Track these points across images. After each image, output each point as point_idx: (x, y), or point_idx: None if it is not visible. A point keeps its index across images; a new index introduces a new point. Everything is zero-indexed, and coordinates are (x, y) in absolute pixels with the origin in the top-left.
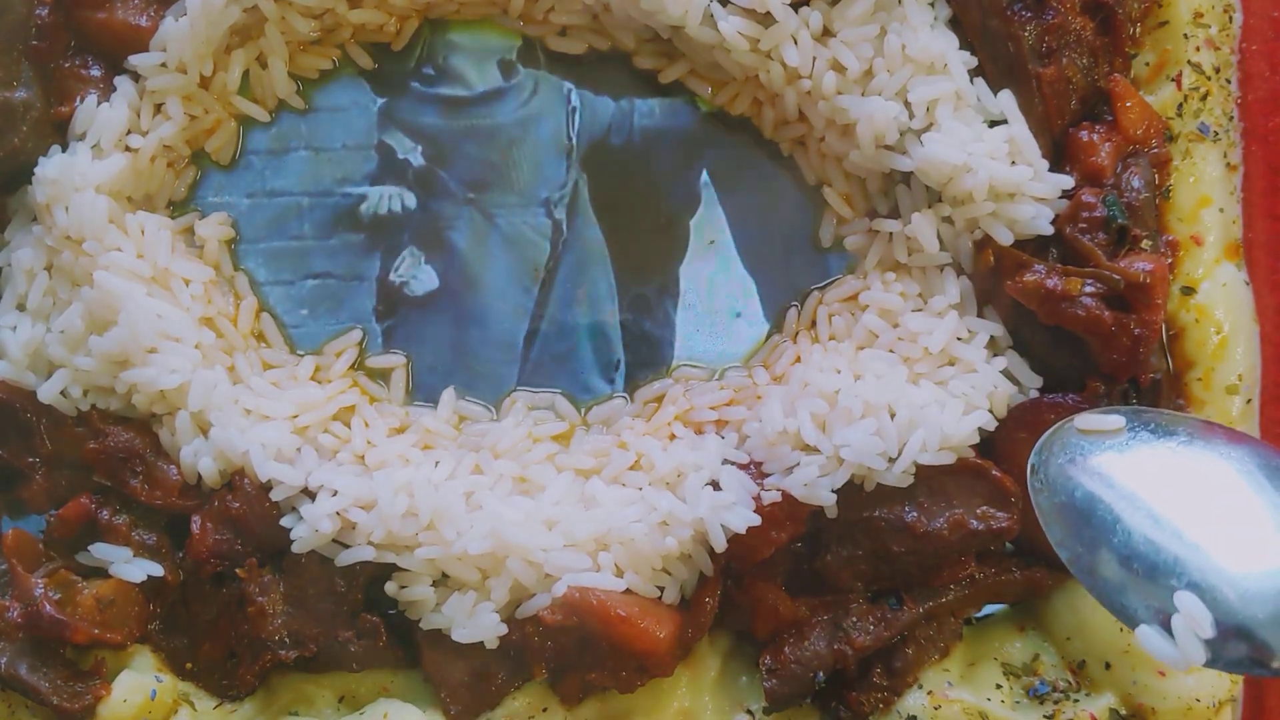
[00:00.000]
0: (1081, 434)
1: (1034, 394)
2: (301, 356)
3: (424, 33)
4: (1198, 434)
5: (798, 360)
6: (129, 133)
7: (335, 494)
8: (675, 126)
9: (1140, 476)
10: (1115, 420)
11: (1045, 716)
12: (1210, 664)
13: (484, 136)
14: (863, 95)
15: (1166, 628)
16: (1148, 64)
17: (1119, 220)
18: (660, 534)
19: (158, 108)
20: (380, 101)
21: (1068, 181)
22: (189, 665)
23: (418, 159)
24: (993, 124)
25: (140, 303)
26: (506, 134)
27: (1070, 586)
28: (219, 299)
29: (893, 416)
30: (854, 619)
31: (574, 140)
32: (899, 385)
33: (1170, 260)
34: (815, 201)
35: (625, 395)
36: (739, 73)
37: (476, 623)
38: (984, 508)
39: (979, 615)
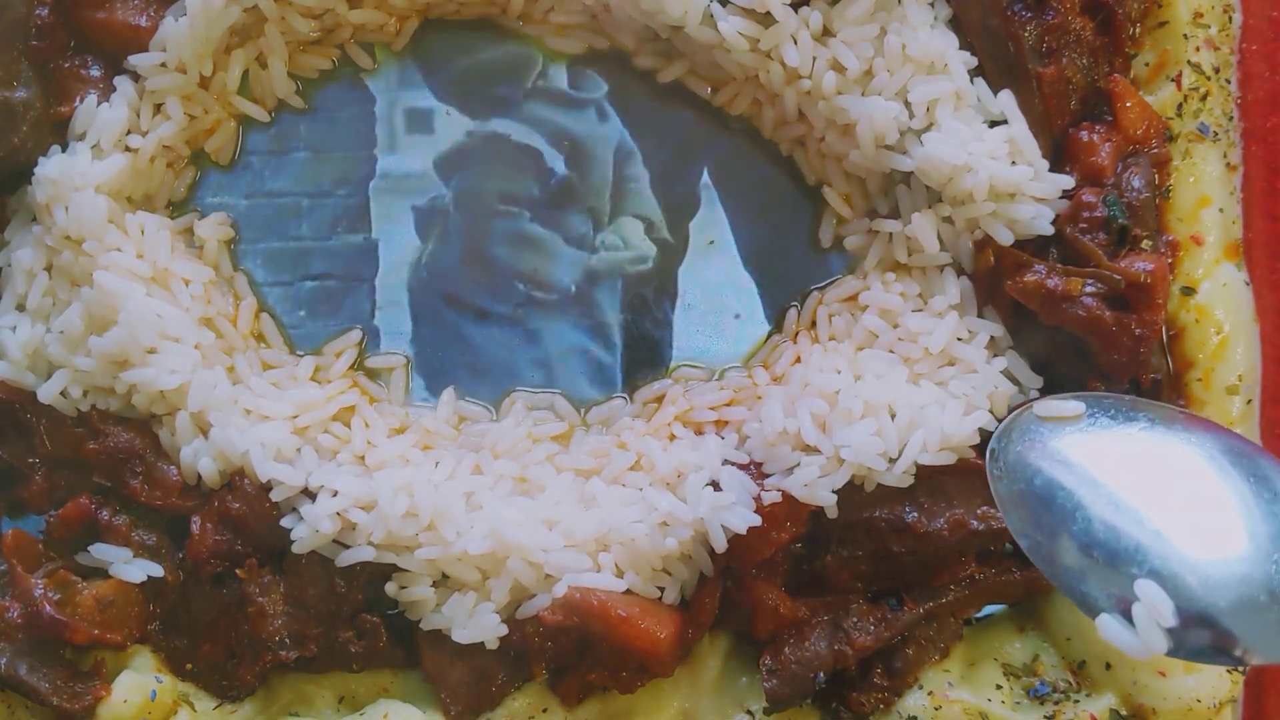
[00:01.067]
0: (1041, 420)
1: (1034, 394)
2: (301, 357)
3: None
4: (1159, 420)
5: (798, 360)
6: (129, 133)
7: (335, 494)
8: (675, 127)
9: (1101, 462)
10: (1075, 406)
11: (1045, 717)
12: (1173, 653)
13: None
14: (863, 95)
15: (1129, 616)
16: (1148, 64)
17: (1119, 220)
18: (660, 534)
19: (157, 108)
20: (525, 104)
21: (1068, 181)
22: (189, 665)
23: (562, 169)
24: (993, 124)
25: (140, 303)
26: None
27: None
28: (219, 299)
29: (893, 417)
30: (854, 619)
31: (567, 144)
32: (899, 385)
33: (1170, 260)
34: (815, 201)
35: (625, 395)
36: (739, 73)
37: (477, 623)
38: (984, 508)
39: (979, 615)
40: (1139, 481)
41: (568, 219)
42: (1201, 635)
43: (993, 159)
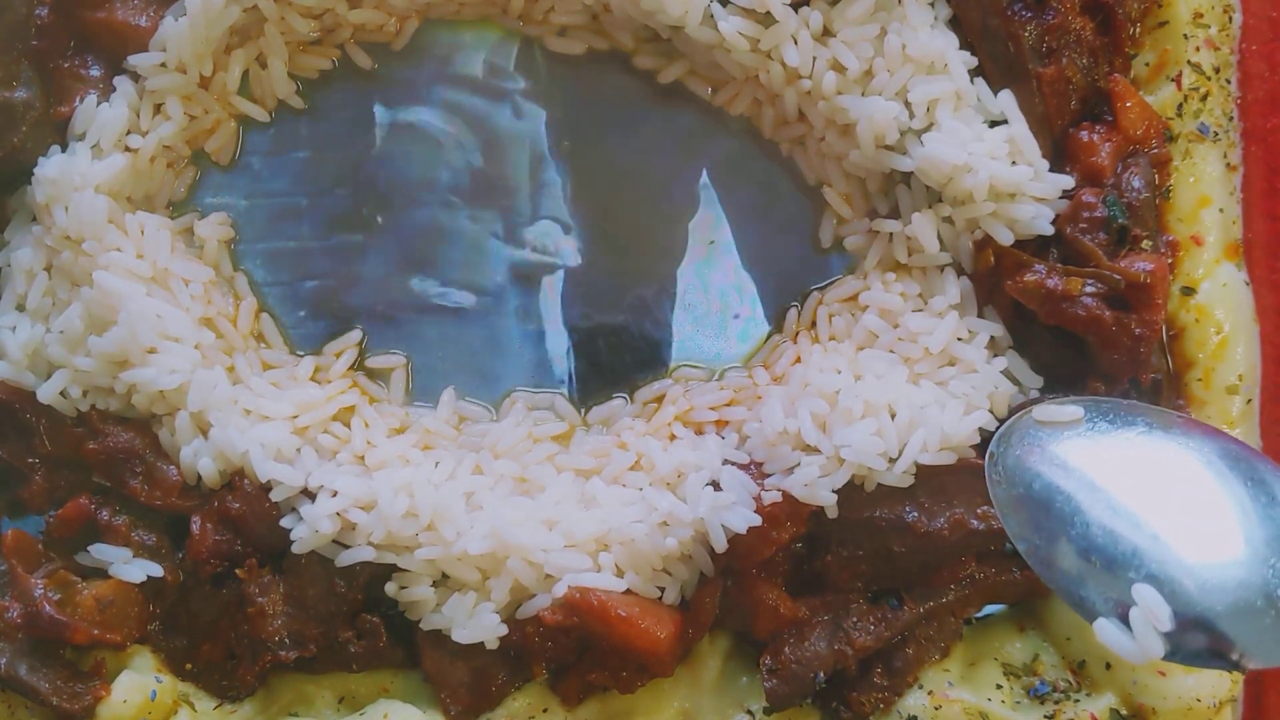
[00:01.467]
0: (1040, 425)
1: (1034, 394)
2: (301, 357)
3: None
4: (1156, 424)
5: (798, 360)
6: (129, 133)
7: (335, 494)
8: (675, 127)
9: (1099, 467)
10: (1073, 410)
11: (1046, 716)
12: (1169, 657)
13: (497, 142)
14: (863, 95)
15: (1126, 620)
16: (1148, 64)
17: (1119, 220)
18: (660, 534)
19: (157, 108)
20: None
21: (1068, 181)
22: (189, 666)
23: (477, 161)
24: (993, 124)
25: (140, 303)
26: (510, 139)
27: None
28: (219, 299)
29: (893, 416)
30: (854, 619)
31: (566, 145)
32: (899, 385)
33: (1170, 260)
34: (815, 201)
35: (625, 395)
36: (739, 73)
37: (477, 623)
38: (984, 508)
39: (979, 615)
40: (1137, 486)
41: (485, 214)
42: (1198, 639)
43: (993, 159)
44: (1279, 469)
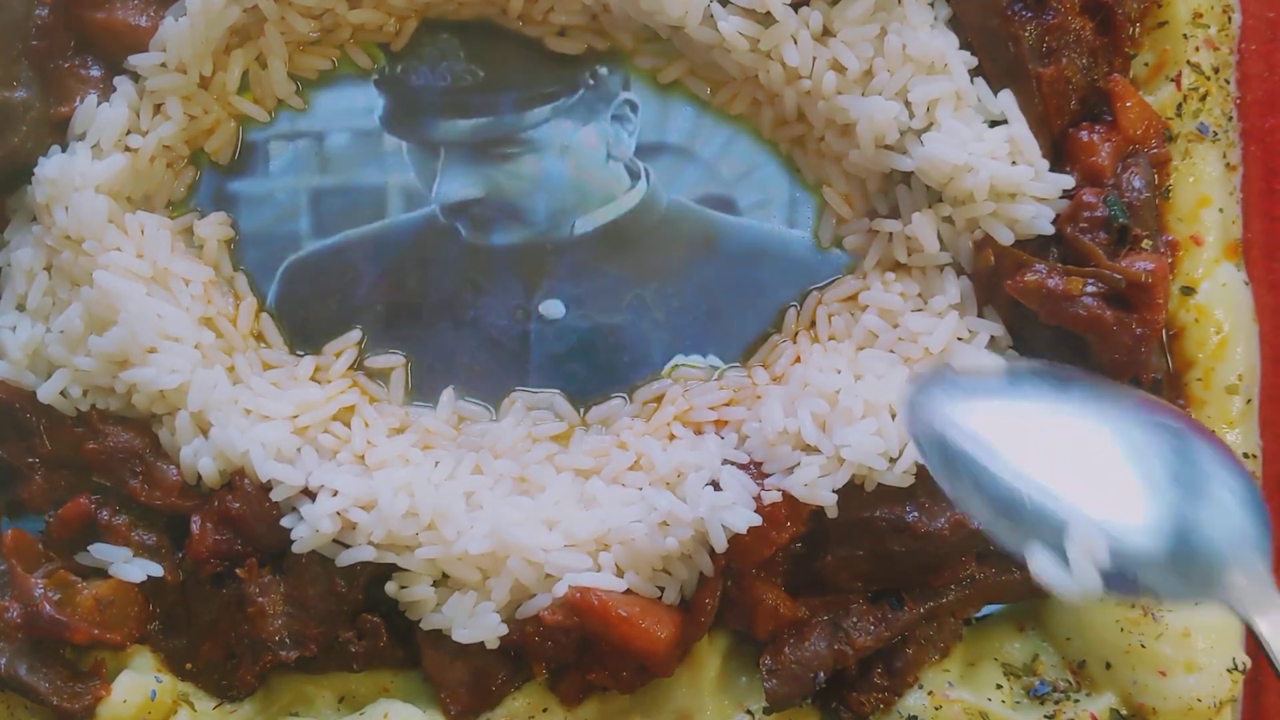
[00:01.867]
0: (957, 374)
1: None
2: (301, 356)
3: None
4: (1073, 382)
5: (797, 360)
6: (128, 133)
7: (335, 494)
8: (675, 128)
9: (1009, 423)
10: (993, 362)
11: (1046, 717)
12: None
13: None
14: (863, 95)
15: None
16: (1147, 64)
17: (1120, 220)
18: (660, 534)
19: (157, 108)
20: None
21: (1068, 181)
22: (189, 665)
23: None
24: (993, 124)
25: (140, 303)
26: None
27: None
28: (219, 299)
29: (893, 416)
30: (854, 619)
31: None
32: (900, 385)
33: (1170, 260)
34: (815, 201)
35: (624, 395)
36: (739, 73)
37: (477, 623)
38: None
39: (979, 615)
40: (1047, 447)
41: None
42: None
43: (993, 159)
44: (1200, 428)
